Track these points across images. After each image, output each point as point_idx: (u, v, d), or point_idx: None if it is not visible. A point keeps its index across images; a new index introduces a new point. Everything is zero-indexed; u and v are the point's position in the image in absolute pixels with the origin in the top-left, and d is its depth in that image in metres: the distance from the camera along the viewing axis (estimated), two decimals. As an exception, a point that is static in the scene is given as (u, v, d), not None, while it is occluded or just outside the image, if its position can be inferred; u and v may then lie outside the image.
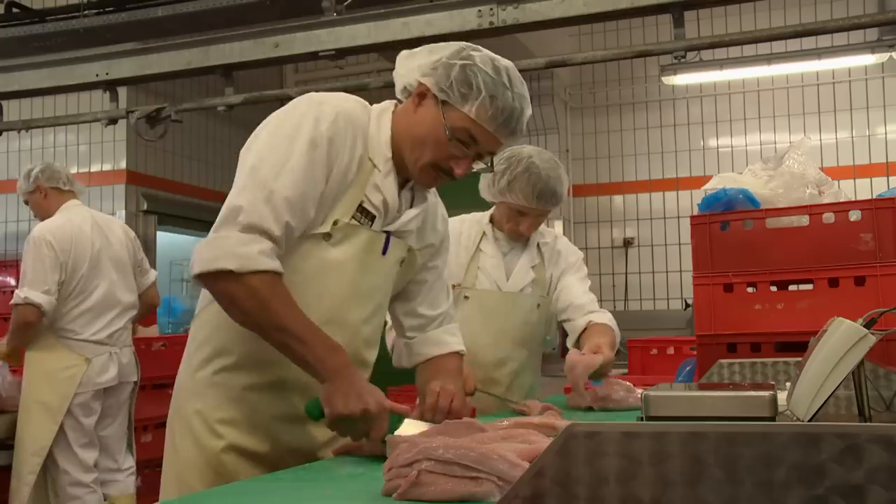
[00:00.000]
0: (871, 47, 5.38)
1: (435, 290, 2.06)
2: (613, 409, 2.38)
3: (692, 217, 2.62)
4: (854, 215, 2.39)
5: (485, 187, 2.76)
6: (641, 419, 1.38)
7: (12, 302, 3.95)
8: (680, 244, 6.72)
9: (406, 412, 1.62)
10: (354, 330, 1.79)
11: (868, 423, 1.15)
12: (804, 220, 2.46)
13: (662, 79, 5.69)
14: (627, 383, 2.48)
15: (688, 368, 3.02)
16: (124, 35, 5.18)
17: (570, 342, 2.78)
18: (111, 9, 5.10)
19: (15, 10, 5.49)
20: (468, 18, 4.52)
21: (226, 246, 1.59)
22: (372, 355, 1.89)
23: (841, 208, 2.43)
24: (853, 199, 2.68)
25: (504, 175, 2.66)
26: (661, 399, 1.31)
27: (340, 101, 1.76)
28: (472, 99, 1.70)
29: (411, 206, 1.86)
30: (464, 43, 1.79)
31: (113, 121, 5.38)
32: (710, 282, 2.53)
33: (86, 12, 5.12)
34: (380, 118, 1.80)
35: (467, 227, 2.83)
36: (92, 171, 6.75)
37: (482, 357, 2.69)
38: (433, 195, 1.97)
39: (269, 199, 1.60)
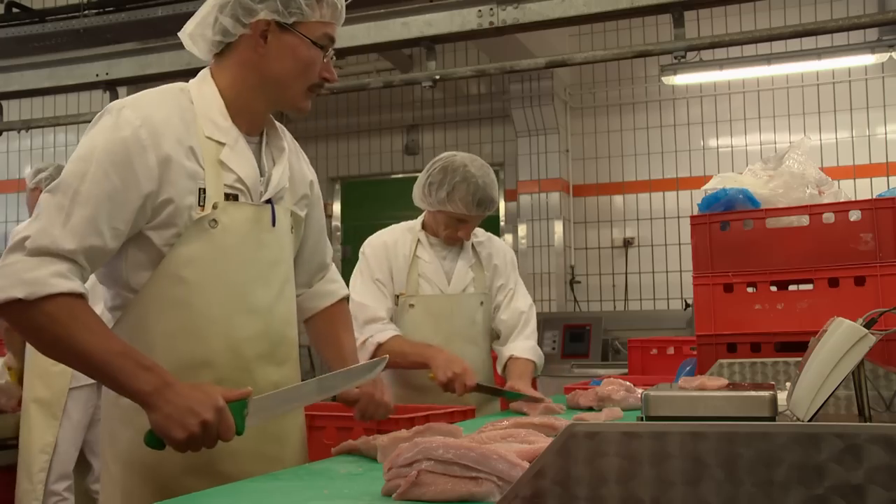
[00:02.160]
0: (871, 47, 5.37)
1: (321, 243, 1.99)
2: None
3: (692, 217, 2.62)
4: (854, 215, 2.39)
5: (419, 197, 2.82)
6: (641, 419, 1.38)
7: None
8: (680, 244, 6.71)
9: (244, 395, 1.50)
10: (269, 313, 1.71)
11: (868, 423, 1.15)
12: (804, 220, 2.46)
13: (662, 79, 5.67)
14: (627, 383, 2.48)
15: (688, 368, 3.01)
16: (124, 35, 5.18)
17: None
18: (111, 9, 5.10)
19: (15, 10, 5.49)
20: (468, 18, 4.52)
21: (13, 273, 1.44)
22: (294, 332, 1.81)
23: (841, 208, 2.43)
24: (853, 199, 2.68)
25: (442, 186, 2.72)
26: (661, 399, 1.31)
27: (144, 100, 1.64)
28: (317, 5, 1.68)
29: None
30: None
31: (113, 121, 5.38)
32: (710, 282, 2.53)
33: (86, 12, 5.12)
34: (201, 90, 1.70)
35: (400, 237, 2.87)
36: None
37: None
38: (289, 139, 1.87)
39: (65, 223, 1.48)
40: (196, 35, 1.74)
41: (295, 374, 1.81)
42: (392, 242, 2.85)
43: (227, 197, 1.65)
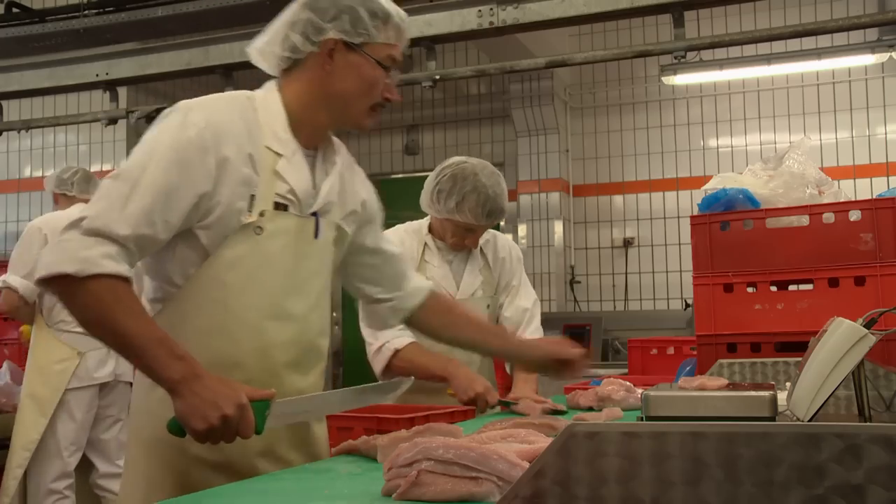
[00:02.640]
0: (871, 47, 5.37)
1: (389, 251, 2.05)
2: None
3: (692, 217, 2.62)
4: (854, 215, 2.39)
5: (427, 203, 2.77)
6: (641, 419, 1.38)
7: None
8: (680, 244, 6.72)
9: (268, 396, 1.54)
10: (303, 322, 1.75)
11: (868, 423, 1.15)
12: (804, 220, 2.46)
13: (662, 79, 5.67)
14: (627, 383, 2.48)
15: (688, 368, 3.01)
16: (124, 35, 5.19)
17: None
18: (111, 9, 5.10)
19: (15, 10, 5.49)
20: (468, 18, 4.52)
21: (67, 249, 1.50)
22: (325, 342, 1.85)
23: (841, 208, 2.43)
24: (853, 199, 2.68)
25: (452, 195, 2.68)
26: (661, 399, 1.31)
27: (211, 104, 1.70)
28: (384, 27, 1.73)
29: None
30: None
31: (113, 121, 5.39)
32: (710, 282, 2.53)
33: (86, 12, 5.12)
34: (267, 102, 1.75)
35: (407, 239, 2.84)
36: (92, 171, 6.74)
37: None
38: (344, 155, 1.91)
39: (122, 210, 1.54)
40: (266, 51, 1.79)
41: (320, 382, 1.85)
42: (398, 245, 2.82)
43: (277, 206, 1.69)
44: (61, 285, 1.51)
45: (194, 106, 1.68)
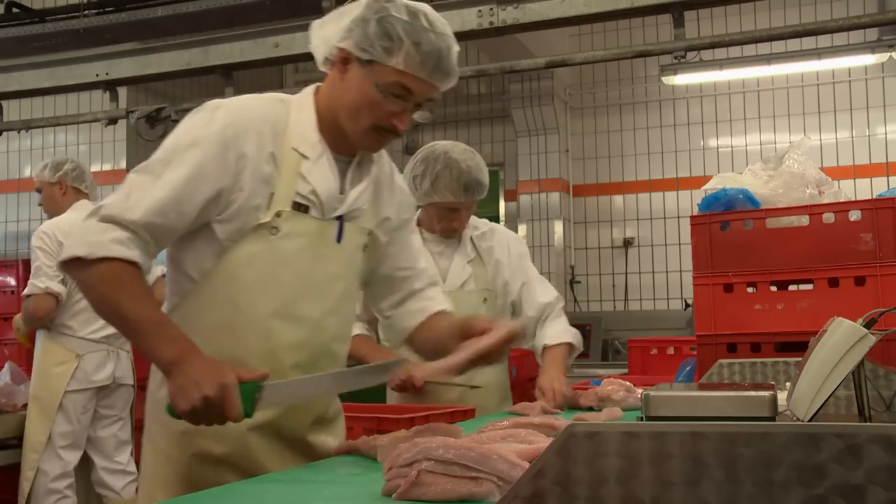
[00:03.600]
0: (871, 47, 5.37)
1: (408, 265, 1.97)
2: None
3: (692, 217, 2.62)
4: (854, 215, 2.39)
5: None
6: (641, 419, 1.38)
7: (27, 292, 3.96)
8: (680, 244, 6.72)
9: (260, 377, 1.52)
10: (315, 324, 1.74)
11: (868, 423, 1.15)
12: (804, 220, 2.46)
13: (662, 79, 5.66)
14: (627, 383, 2.48)
15: (688, 368, 3.02)
16: (124, 35, 5.19)
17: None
18: (111, 9, 5.10)
19: (15, 10, 5.49)
20: (468, 18, 4.52)
21: (81, 234, 1.59)
22: (342, 348, 1.84)
23: (841, 208, 2.43)
24: (853, 199, 2.68)
25: (425, 176, 2.64)
26: (661, 399, 1.31)
27: (238, 104, 1.72)
28: (397, 50, 1.64)
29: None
30: None
31: (113, 121, 5.39)
32: (710, 282, 2.53)
33: (86, 12, 5.12)
34: (301, 105, 1.77)
35: None
36: (92, 171, 6.73)
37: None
38: (384, 164, 1.90)
39: (140, 200, 1.59)
40: (315, 44, 1.76)
41: None
42: None
43: (298, 207, 1.70)
44: (75, 268, 1.58)
45: (222, 105, 1.71)
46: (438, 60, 1.68)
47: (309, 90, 1.81)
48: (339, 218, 1.76)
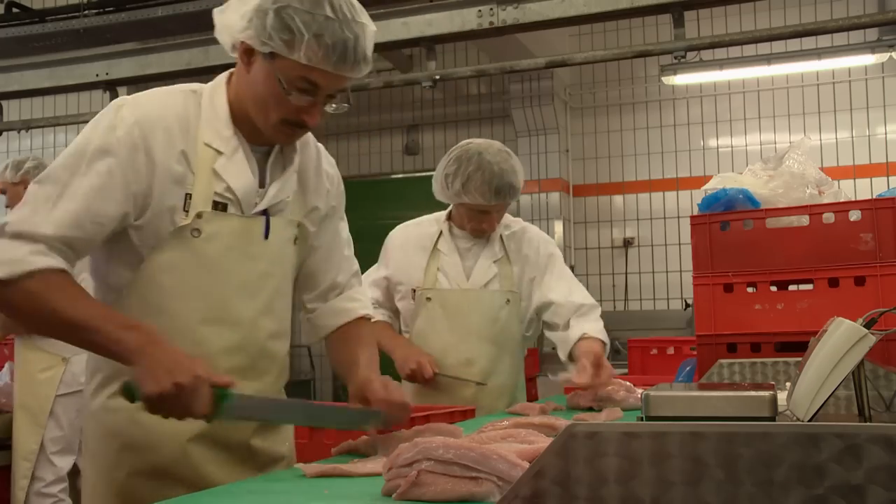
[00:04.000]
0: (871, 47, 5.38)
1: (332, 259, 1.89)
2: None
3: (692, 217, 2.62)
4: (854, 215, 2.39)
5: (439, 190, 2.69)
6: (641, 419, 1.38)
7: None
8: (680, 244, 6.72)
9: (229, 384, 1.46)
10: (251, 325, 1.67)
11: (868, 423, 1.15)
12: (804, 220, 2.46)
13: (662, 79, 5.68)
14: (627, 383, 2.48)
15: (688, 368, 3.02)
16: (124, 35, 5.19)
17: (561, 354, 2.65)
18: (111, 9, 5.10)
19: (15, 10, 5.50)
20: (468, 18, 4.53)
21: None
22: (280, 345, 1.76)
23: (841, 208, 2.43)
24: (853, 199, 2.68)
25: (457, 176, 2.59)
26: (661, 399, 1.31)
27: (144, 99, 1.62)
28: (298, 43, 1.53)
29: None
30: None
31: (113, 121, 5.38)
32: (710, 282, 2.53)
33: (86, 12, 5.12)
34: (212, 95, 1.67)
35: (426, 229, 2.76)
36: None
37: (450, 357, 2.66)
38: (309, 151, 1.80)
39: (49, 213, 1.49)
40: (221, 31, 1.68)
41: (273, 387, 1.77)
42: (416, 235, 2.75)
43: (217, 206, 1.62)
44: None
45: (126, 103, 1.61)
46: (344, 51, 1.56)
47: (221, 78, 1.71)
48: (265, 213, 1.68)
